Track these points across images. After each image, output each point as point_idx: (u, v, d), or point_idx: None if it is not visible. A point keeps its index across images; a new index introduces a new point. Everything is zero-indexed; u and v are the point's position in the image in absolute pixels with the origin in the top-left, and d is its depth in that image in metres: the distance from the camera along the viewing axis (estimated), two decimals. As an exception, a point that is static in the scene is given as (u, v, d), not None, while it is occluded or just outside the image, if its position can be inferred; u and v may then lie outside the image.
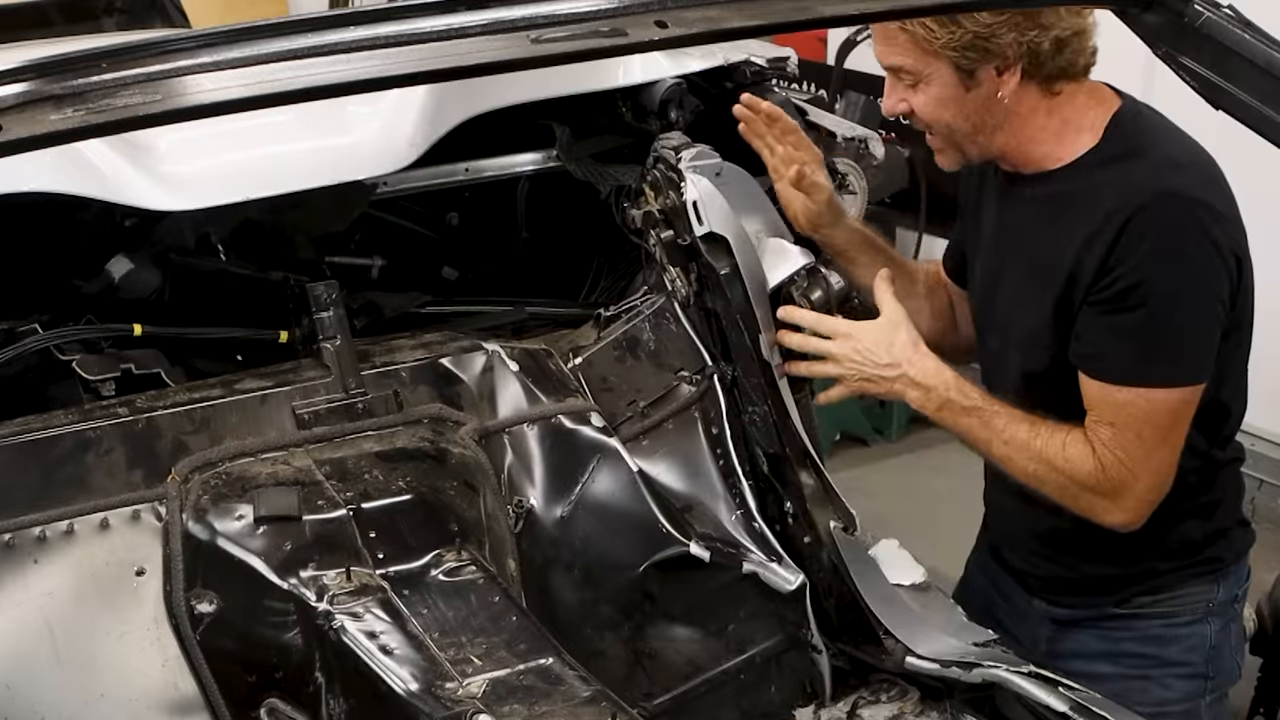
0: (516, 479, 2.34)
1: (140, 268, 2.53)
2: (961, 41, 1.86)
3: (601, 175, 2.81)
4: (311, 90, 1.21)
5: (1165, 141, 1.95)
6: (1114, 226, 1.86)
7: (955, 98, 1.93)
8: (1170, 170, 1.89)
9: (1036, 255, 2.00)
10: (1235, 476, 2.15)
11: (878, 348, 2.10)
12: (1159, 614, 2.11)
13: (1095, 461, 1.94)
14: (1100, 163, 1.93)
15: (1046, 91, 1.93)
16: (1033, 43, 1.86)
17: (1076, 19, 1.87)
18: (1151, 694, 2.10)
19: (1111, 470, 1.93)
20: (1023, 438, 2.00)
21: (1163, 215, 1.85)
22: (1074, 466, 1.96)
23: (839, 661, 2.33)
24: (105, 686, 2.01)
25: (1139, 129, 1.95)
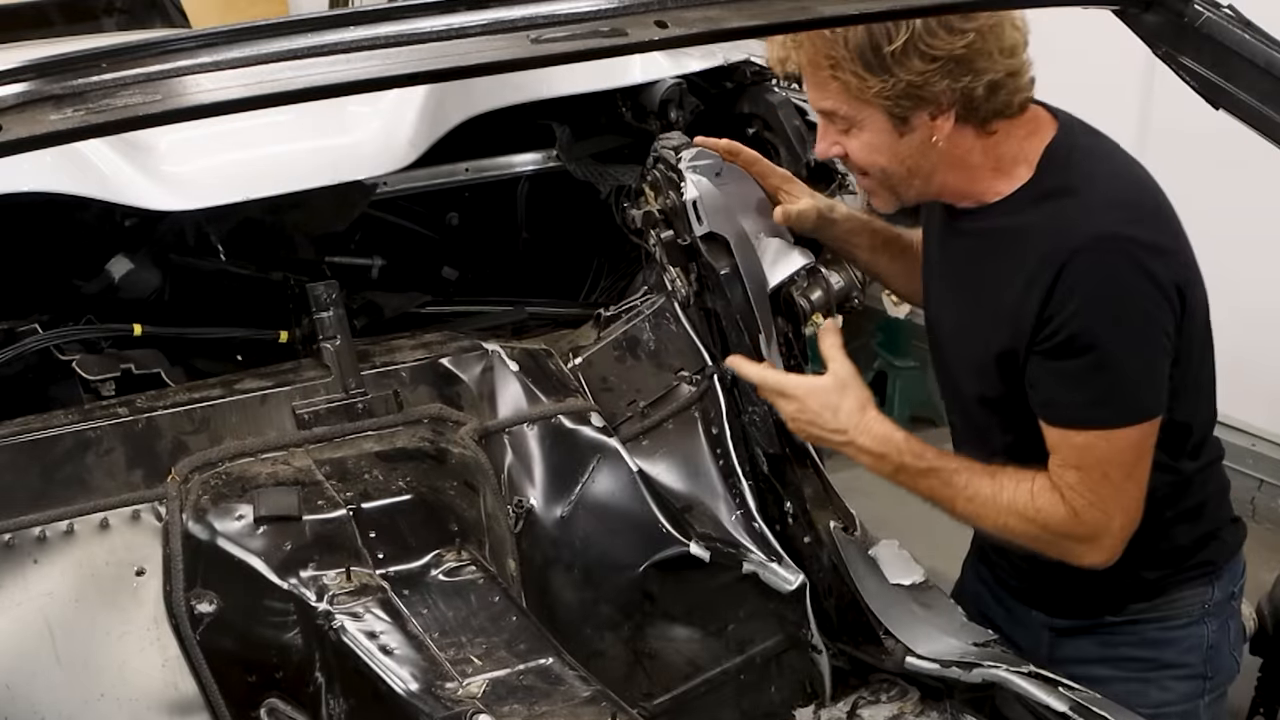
0: (516, 479, 2.34)
1: (140, 268, 2.53)
2: (895, 90, 1.83)
3: (601, 175, 2.81)
4: (311, 90, 1.21)
5: (1099, 175, 1.90)
6: (1049, 273, 1.83)
7: (889, 143, 1.90)
8: (1102, 210, 1.85)
9: (978, 291, 1.98)
10: (1216, 476, 2.13)
11: (824, 412, 2.06)
12: (1155, 618, 2.11)
13: (1067, 508, 1.92)
14: (1034, 198, 1.90)
15: (981, 132, 1.90)
16: (966, 88, 1.83)
17: (1010, 60, 1.84)
18: (1150, 696, 2.10)
19: (1085, 514, 1.92)
20: (987, 493, 1.98)
21: (1097, 260, 1.82)
22: (1046, 516, 1.94)
23: (839, 661, 2.33)
24: (105, 686, 2.01)
25: (1072, 162, 1.91)
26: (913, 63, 1.80)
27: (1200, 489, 2.08)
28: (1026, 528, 1.96)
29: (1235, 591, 2.15)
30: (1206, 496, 2.10)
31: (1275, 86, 1.50)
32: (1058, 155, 1.91)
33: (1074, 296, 1.83)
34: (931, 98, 1.84)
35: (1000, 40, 1.82)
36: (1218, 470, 2.12)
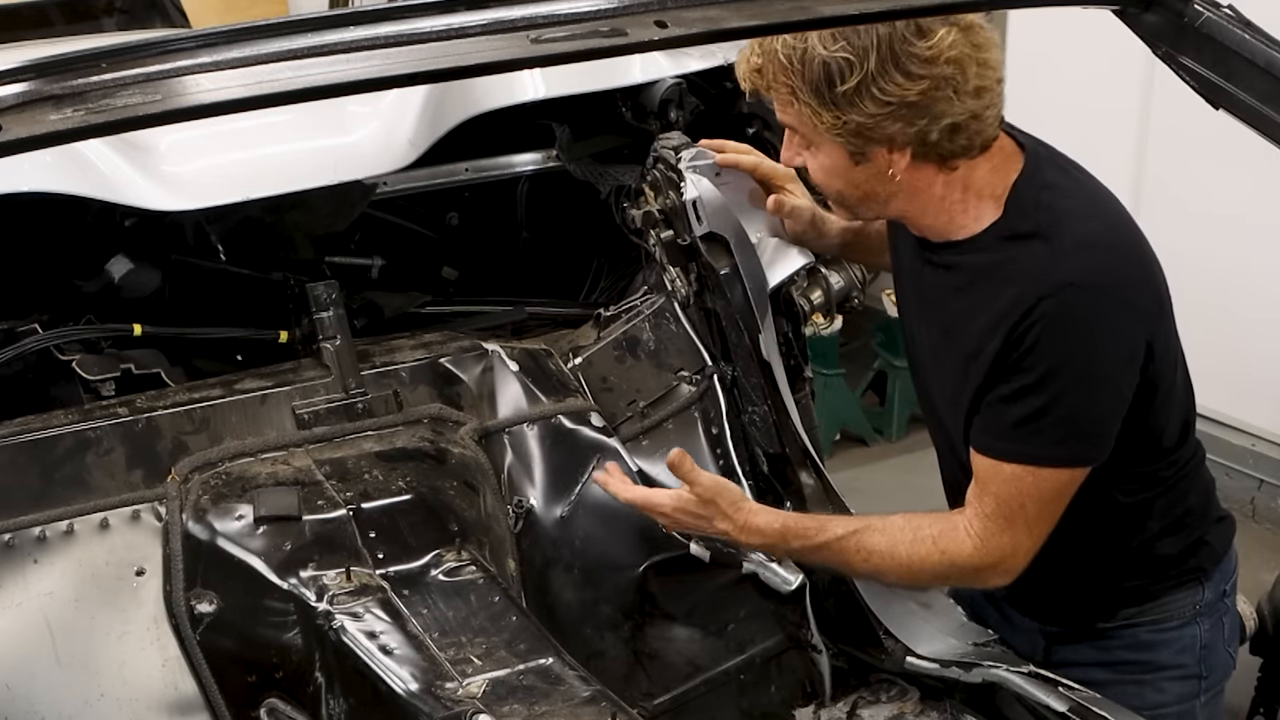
0: (516, 479, 2.34)
1: (140, 268, 2.53)
2: (846, 129, 1.80)
3: (601, 175, 2.81)
4: (311, 90, 1.21)
5: (1067, 215, 1.87)
6: (1013, 318, 1.83)
7: (844, 169, 1.89)
8: (1073, 257, 1.83)
9: (948, 326, 1.98)
10: (1199, 482, 2.12)
11: (699, 523, 2.08)
12: (1147, 621, 2.11)
13: (973, 541, 1.94)
14: (1003, 238, 1.88)
15: (943, 168, 1.87)
16: (922, 130, 1.80)
17: (975, 101, 1.80)
18: (1146, 698, 2.10)
19: (990, 543, 1.94)
20: (883, 549, 2.00)
21: (1062, 308, 1.80)
22: (953, 553, 1.96)
23: (839, 661, 2.33)
24: (105, 686, 2.01)
25: (1041, 200, 1.87)
26: (865, 105, 1.77)
27: (1182, 498, 2.08)
28: (933, 568, 1.99)
29: (1227, 589, 2.15)
30: (1190, 505, 2.09)
31: (1275, 86, 1.49)
32: (1026, 193, 1.88)
33: (1036, 342, 1.82)
34: (884, 138, 1.81)
35: (964, 83, 1.77)
36: (1200, 473, 2.12)
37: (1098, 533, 2.06)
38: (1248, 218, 3.94)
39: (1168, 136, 3.99)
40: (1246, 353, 4.00)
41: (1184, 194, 3.95)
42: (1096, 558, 2.09)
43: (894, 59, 1.75)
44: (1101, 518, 2.04)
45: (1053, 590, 2.15)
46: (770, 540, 2.07)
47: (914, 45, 1.75)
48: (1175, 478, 2.05)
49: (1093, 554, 2.09)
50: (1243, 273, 3.96)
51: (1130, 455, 1.97)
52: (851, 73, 1.75)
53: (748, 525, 2.04)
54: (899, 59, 1.75)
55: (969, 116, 1.81)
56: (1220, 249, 3.94)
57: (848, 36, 1.75)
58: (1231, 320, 3.95)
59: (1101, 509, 2.03)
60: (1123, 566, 2.07)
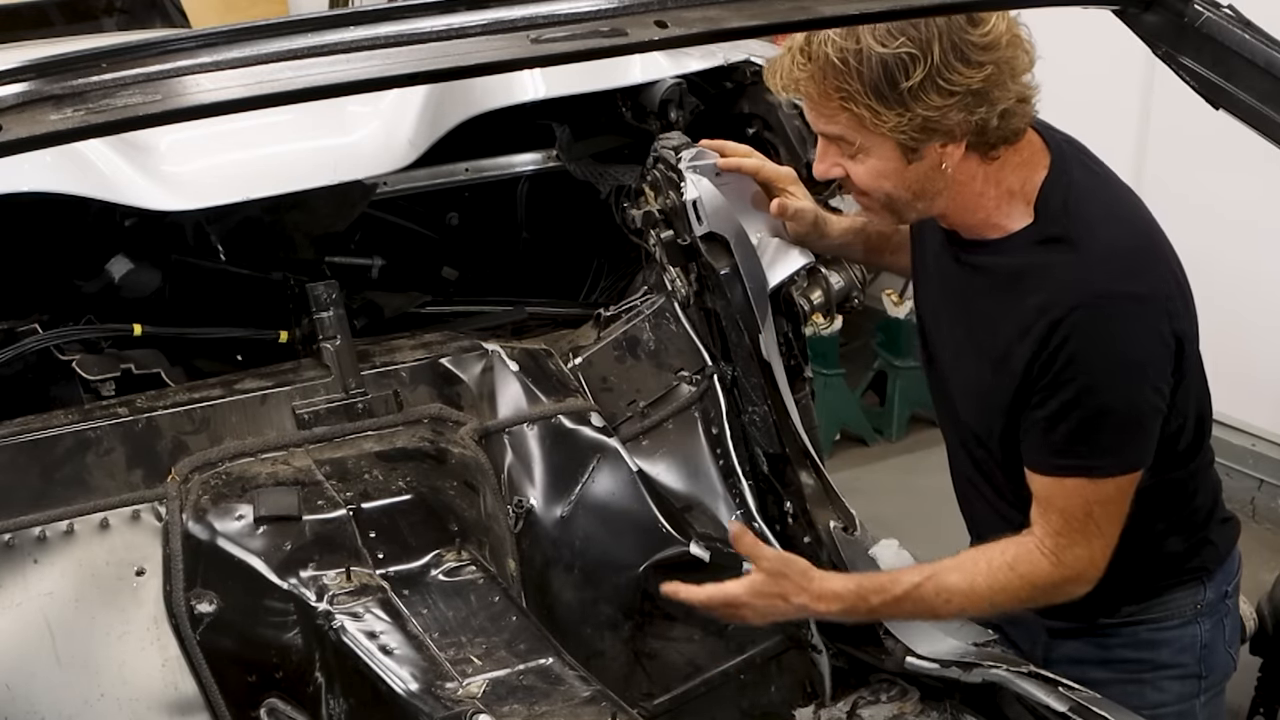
0: (516, 479, 2.34)
1: (140, 268, 2.54)
2: (910, 124, 1.79)
3: (601, 175, 2.81)
4: (311, 90, 1.21)
5: (1096, 221, 1.88)
6: (1043, 327, 1.83)
7: (896, 170, 1.87)
8: (1100, 264, 1.84)
9: (973, 323, 1.98)
10: (1207, 482, 2.12)
11: (776, 603, 2.05)
12: (1148, 620, 2.11)
13: (1050, 559, 1.94)
14: (1033, 243, 1.88)
15: (985, 158, 1.87)
16: (981, 119, 1.80)
17: (1021, 86, 1.81)
18: (1146, 697, 2.10)
19: (1066, 557, 1.94)
20: (964, 588, 1.99)
21: (1096, 319, 1.81)
22: (1032, 577, 1.96)
23: (839, 661, 2.33)
24: (105, 686, 2.01)
25: (1069, 206, 1.88)
26: (930, 98, 1.77)
27: (1190, 497, 2.08)
28: (1016, 594, 1.98)
29: (1229, 590, 2.16)
30: (1198, 504, 2.10)
31: (1275, 86, 1.49)
32: (1054, 196, 1.89)
33: (1068, 353, 1.82)
34: (946, 129, 1.81)
35: (1014, 68, 1.80)
36: (1209, 475, 2.12)
37: None
38: (1248, 218, 3.94)
39: (1168, 136, 3.99)
40: (1247, 353, 3.99)
41: (1184, 194, 3.95)
42: None
43: (955, 49, 1.75)
44: None
45: None
46: (848, 604, 2.03)
47: (971, 34, 1.75)
48: (1186, 478, 2.06)
49: None
50: (1243, 273, 3.96)
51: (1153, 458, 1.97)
52: (916, 67, 1.75)
53: (823, 593, 2.02)
54: (960, 49, 1.75)
55: (1017, 100, 1.82)
56: (1220, 249, 3.93)
57: (905, 31, 1.74)
58: (1232, 320, 3.95)
59: None
60: (1127, 562, 2.07)
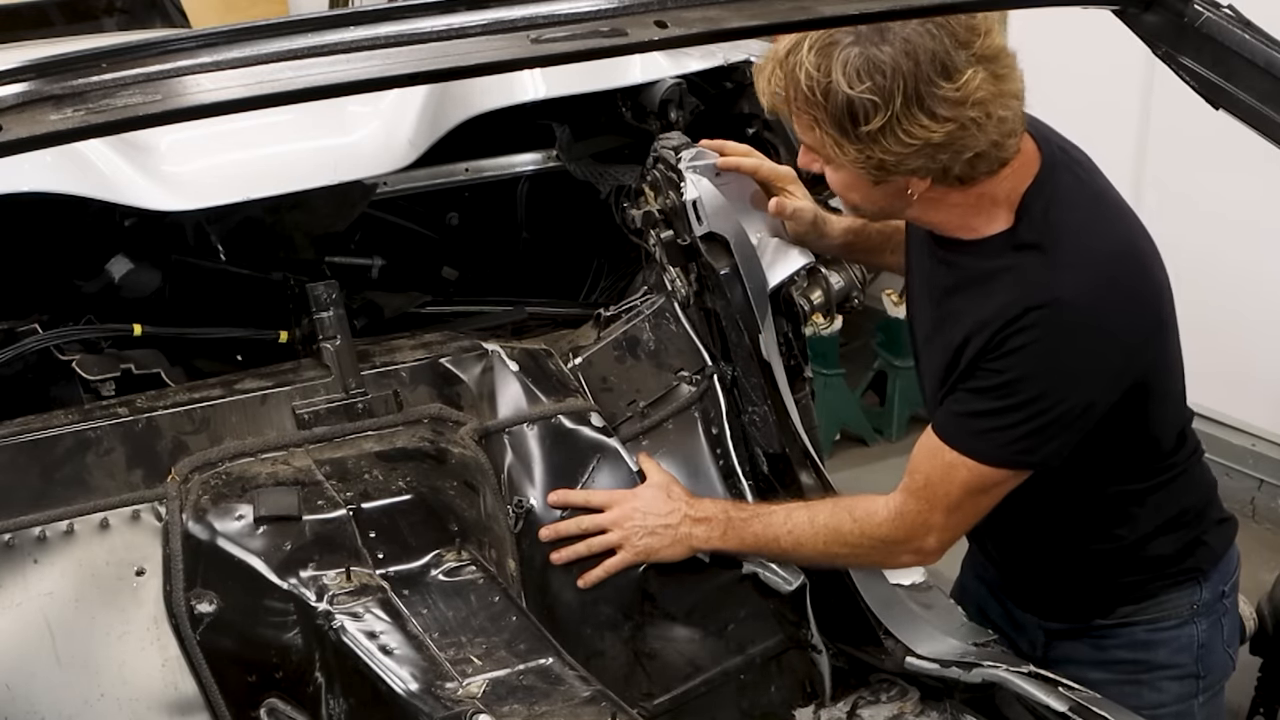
0: (516, 479, 2.34)
1: (140, 268, 2.53)
2: (870, 163, 1.80)
3: (601, 175, 2.81)
4: (311, 90, 1.21)
5: (1071, 231, 1.87)
6: (1001, 320, 1.84)
7: (862, 187, 1.89)
8: (1068, 273, 1.84)
9: (940, 317, 2.00)
10: (1197, 482, 2.12)
11: (656, 501, 2.22)
12: (1144, 620, 2.12)
13: (891, 514, 2.02)
14: (1008, 248, 1.89)
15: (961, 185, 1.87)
16: (945, 164, 1.80)
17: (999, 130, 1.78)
18: (1144, 698, 2.10)
19: (909, 517, 1.99)
20: (802, 521, 2.11)
21: (1046, 323, 1.82)
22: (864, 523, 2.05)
23: (839, 661, 2.33)
24: (105, 686, 2.01)
25: (1049, 214, 1.88)
26: (888, 144, 1.76)
27: (1177, 498, 2.08)
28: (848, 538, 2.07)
29: (1226, 590, 2.16)
30: (1186, 505, 2.09)
31: (1275, 86, 1.49)
32: (1036, 203, 1.88)
33: (1013, 350, 1.84)
34: (908, 170, 1.81)
35: (987, 120, 1.77)
36: (1197, 475, 2.12)
37: (1091, 529, 2.06)
38: (1248, 218, 3.94)
39: (1168, 136, 3.99)
40: (1246, 353, 3.99)
41: (1184, 194, 3.95)
42: (1092, 554, 2.10)
43: (919, 101, 1.73)
44: (1094, 515, 2.05)
45: (1051, 585, 2.16)
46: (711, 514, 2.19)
47: (940, 87, 1.73)
48: (1170, 478, 2.06)
49: (1088, 550, 2.09)
50: (1243, 272, 3.96)
51: (1123, 458, 1.98)
52: (876, 113, 1.74)
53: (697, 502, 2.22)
54: (924, 101, 1.73)
55: (990, 145, 1.80)
56: (1220, 249, 3.94)
57: (872, 76, 1.73)
58: (1231, 320, 3.95)
59: (1094, 506, 2.04)
60: (1118, 564, 2.07)
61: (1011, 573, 2.25)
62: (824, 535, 2.10)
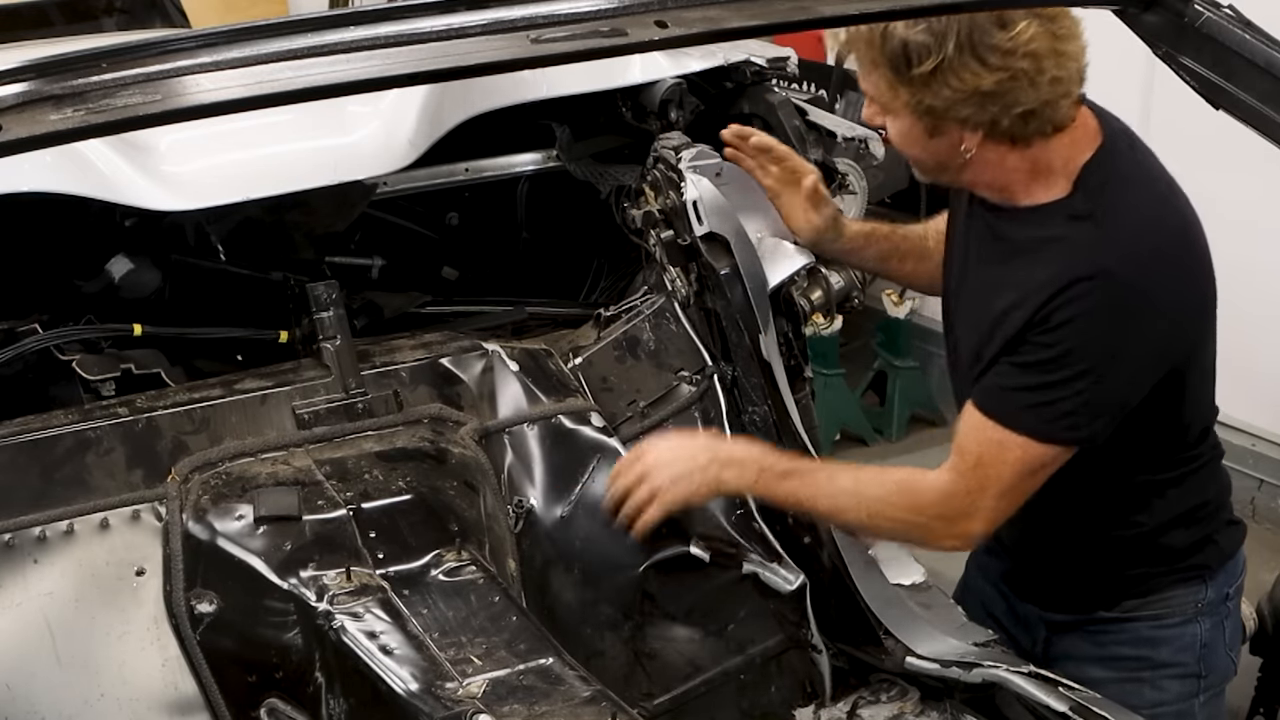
0: (516, 479, 2.34)
1: (140, 268, 2.53)
2: (919, 107, 1.83)
3: (601, 175, 2.81)
4: (311, 90, 1.21)
5: (1127, 207, 1.89)
6: (1049, 289, 1.84)
7: (919, 140, 1.91)
8: (1119, 246, 1.85)
9: (984, 284, 2.00)
10: (1216, 479, 2.13)
11: (680, 443, 2.21)
12: (1148, 616, 2.12)
13: (940, 492, 1.97)
14: (1063, 217, 1.89)
15: (1016, 145, 1.88)
16: (994, 117, 1.82)
17: (1052, 89, 1.80)
18: (1145, 696, 2.10)
19: (957, 497, 1.95)
20: (846, 486, 2.04)
21: (1094, 295, 1.82)
22: (915, 497, 1.99)
23: (839, 661, 2.33)
24: (105, 686, 2.01)
25: (1107, 186, 1.89)
26: (938, 89, 1.79)
27: (1198, 490, 2.08)
28: (894, 511, 2.01)
29: (1231, 592, 2.16)
30: (1205, 499, 2.10)
31: (1275, 86, 1.49)
32: (1094, 177, 1.89)
33: (1062, 322, 1.84)
34: (957, 119, 1.83)
35: (1039, 75, 1.78)
36: (1218, 472, 2.13)
37: (1110, 513, 2.06)
38: (1248, 217, 3.94)
39: (1168, 136, 3.98)
40: (1247, 353, 3.99)
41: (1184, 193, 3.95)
42: (1107, 540, 2.09)
43: (972, 48, 1.76)
44: (1116, 499, 2.04)
45: (1060, 572, 2.15)
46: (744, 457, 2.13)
47: (994, 36, 1.75)
48: (1192, 470, 2.06)
49: (1104, 536, 2.09)
50: (1243, 272, 3.94)
51: (1153, 443, 1.97)
52: (928, 56, 1.76)
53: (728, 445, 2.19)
54: (976, 48, 1.76)
55: (1042, 104, 1.82)
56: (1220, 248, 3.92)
57: (929, 20, 1.75)
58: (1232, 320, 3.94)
59: (1117, 490, 2.03)
60: (1130, 552, 2.07)
61: (1022, 559, 2.24)
62: (868, 507, 2.04)
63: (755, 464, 2.12)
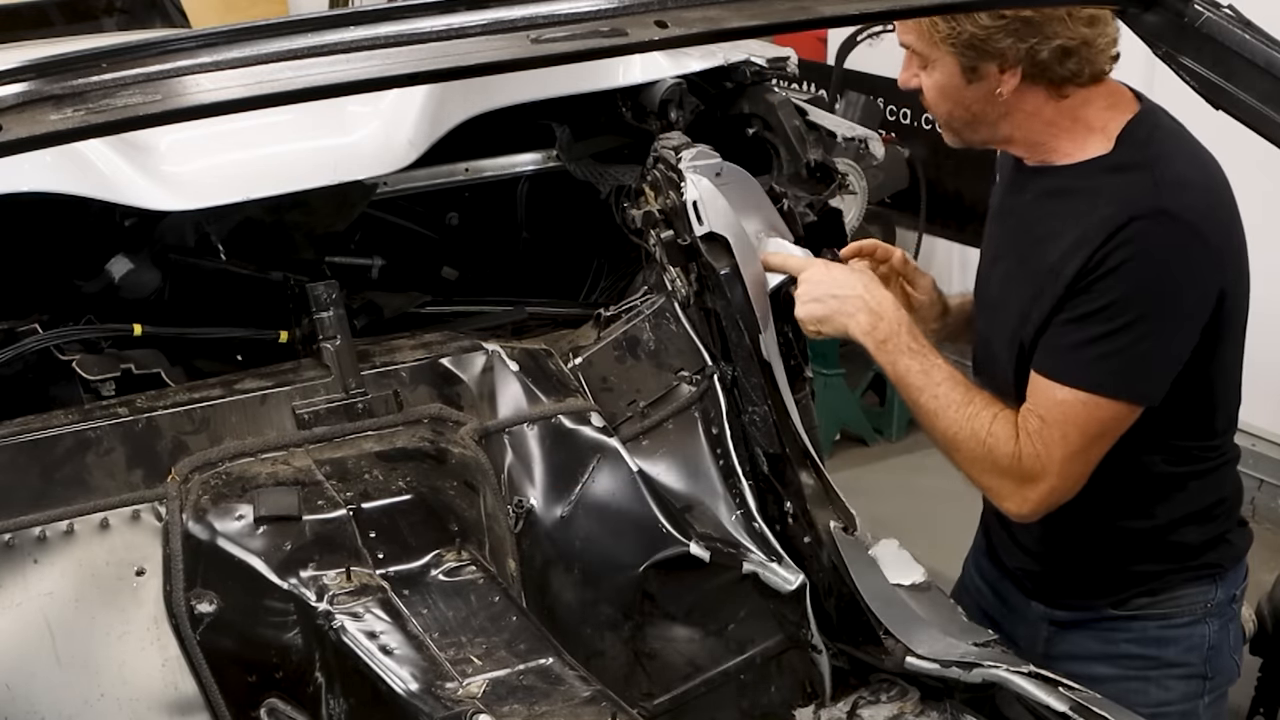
0: (516, 479, 2.34)
1: (140, 268, 2.53)
2: (960, 39, 1.86)
3: (601, 175, 2.81)
4: (311, 90, 1.21)
5: (1176, 156, 1.92)
6: (1103, 234, 1.85)
7: (956, 88, 1.94)
8: (1172, 189, 1.87)
9: (1029, 247, 2.00)
10: (1233, 479, 2.14)
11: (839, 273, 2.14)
12: (1157, 615, 2.12)
13: (1015, 446, 1.94)
14: (1107, 169, 1.92)
15: (1054, 93, 1.91)
16: (1032, 49, 1.85)
17: (1085, 29, 1.85)
18: (1150, 695, 2.10)
19: (1027, 460, 1.94)
20: (956, 399, 2.00)
21: (1151, 234, 1.84)
22: (994, 443, 1.96)
23: (839, 661, 2.33)
24: (105, 686, 2.01)
25: (1153, 139, 1.92)
26: (979, 15, 1.81)
27: (1217, 488, 2.09)
28: (971, 445, 1.99)
29: (1237, 594, 2.16)
30: (1223, 496, 2.11)
31: (1275, 86, 1.50)
32: (1138, 133, 1.92)
33: (1120, 263, 1.84)
34: (996, 53, 1.86)
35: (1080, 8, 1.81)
36: (1235, 474, 2.13)
37: (1129, 504, 2.06)
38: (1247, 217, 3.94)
39: (1168, 136, 3.99)
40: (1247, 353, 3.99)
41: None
42: (1122, 533, 2.09)
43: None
44: (1136, 488, 2.04)
45: (1072, 566, 2.15)
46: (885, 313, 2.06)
47: None
48: (1215, 464, 2.07)
49: (1119, 528, 2.09)
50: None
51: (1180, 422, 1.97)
52: None
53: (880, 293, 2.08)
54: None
55: (1080, 42, 1.85)
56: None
57: None
58: (1231, 320, 3.95)
59: (1138, 478, 2.03)
60: (1144, 547, 2.07)
61: (1037, 555, 2.23)
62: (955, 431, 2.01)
63: (889, 326, 2.06)
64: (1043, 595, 2.22)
